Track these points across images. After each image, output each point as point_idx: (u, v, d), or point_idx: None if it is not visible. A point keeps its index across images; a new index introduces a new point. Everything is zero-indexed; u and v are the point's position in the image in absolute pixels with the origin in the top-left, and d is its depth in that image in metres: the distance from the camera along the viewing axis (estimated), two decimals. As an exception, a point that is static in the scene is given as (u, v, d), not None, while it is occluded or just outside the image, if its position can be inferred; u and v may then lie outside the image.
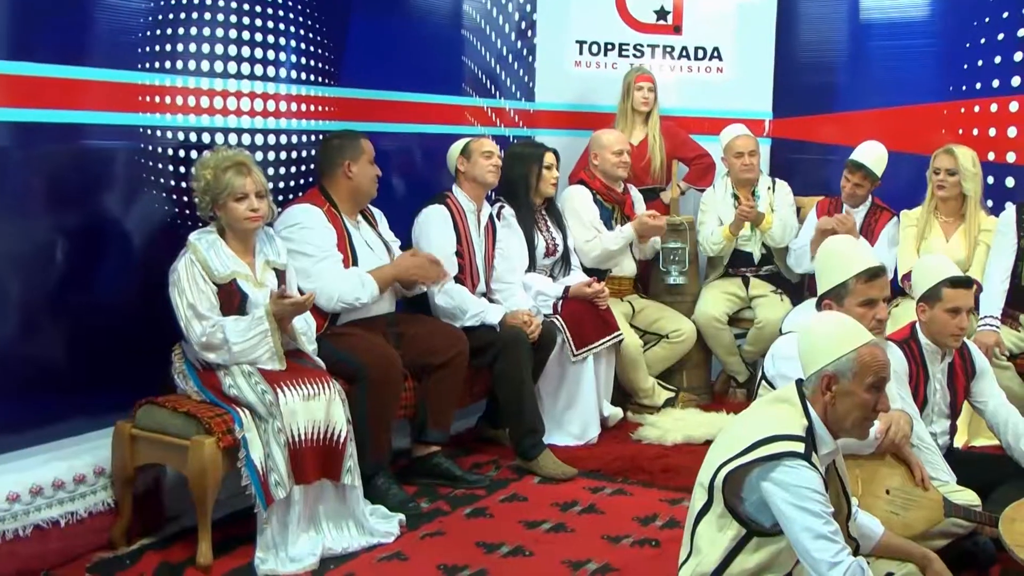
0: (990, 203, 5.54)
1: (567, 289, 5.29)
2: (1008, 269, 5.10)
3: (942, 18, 6.18)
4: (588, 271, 5.62)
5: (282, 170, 4.72)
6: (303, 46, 4.79)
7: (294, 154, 4.76)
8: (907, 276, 5.46)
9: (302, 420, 3.80)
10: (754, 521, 2.91)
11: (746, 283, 6.01)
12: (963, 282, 4.02)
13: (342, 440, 3.91)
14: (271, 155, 4.65)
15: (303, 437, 3.80)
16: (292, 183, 4.75)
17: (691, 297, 6.03)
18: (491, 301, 5.08)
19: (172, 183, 4.25)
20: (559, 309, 5.22)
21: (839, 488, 3.07)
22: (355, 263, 4.44)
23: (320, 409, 3.86)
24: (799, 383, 3.05)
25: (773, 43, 6.50)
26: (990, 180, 5.59)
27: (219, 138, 4.39)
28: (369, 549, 3.93)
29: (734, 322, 5.98)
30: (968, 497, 3.80)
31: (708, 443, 4.99)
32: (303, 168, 4.79)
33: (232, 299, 3.90)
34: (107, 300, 4.07)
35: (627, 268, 5.84)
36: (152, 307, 4.03)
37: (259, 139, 4.60)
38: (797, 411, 2.98)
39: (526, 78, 6.41)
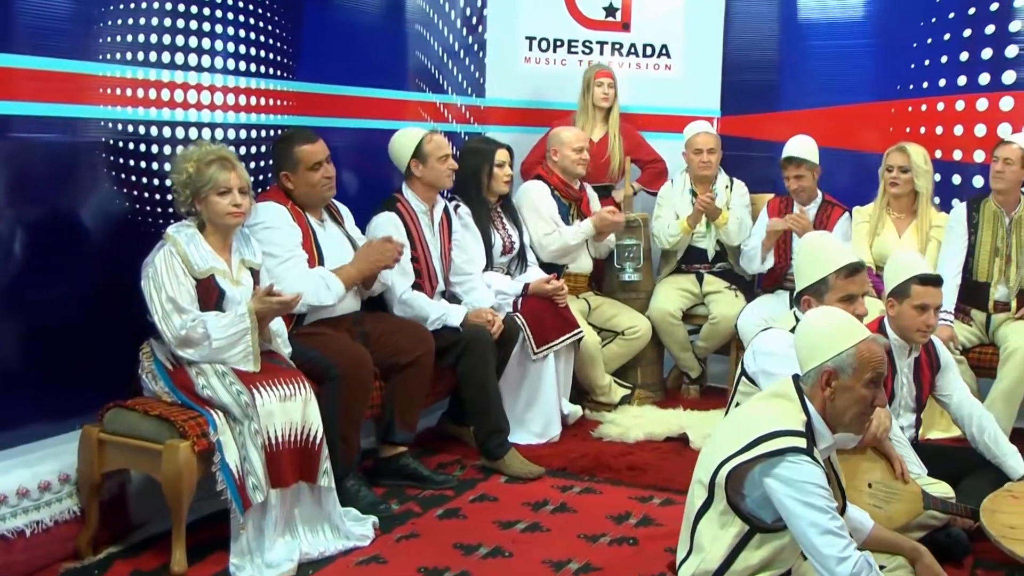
0: (937, 200, 5.63)
1: (527, 286, 5.24)
2: (960, 265, 5.21)
3: (883, 18, 6.28)
4: (545, 267, 5.58)
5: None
6: (257, 37, 4.66)
7: (243, 149, 4.63)
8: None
9: (279, 422, 3.70)
10: (756, 517, 2.92)
11: (700, 279, 6.04)
12: (932, 279, 4.08)
13: (318, 441, 3.82)
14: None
15: (280, 439, 3.70)
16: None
17: (645, 294, 6.04)
18: (452, 296, 5.01)
19: (129, 177, 4.12)
20: (519, 307, 5.17)
21: (835, 482, 3.09)
22: (321, 262, 4.33)
23: (296, 410, 3.77)
24: (796, 378, 3.05)
25: (721, 41, 6.53)
26: (937, 177, 5.67)
27: (167, 132, 4.24)
28: (345, 553, 3.85)
29: (687, 318, 6.00)
30: (943, 489, 3.87)
31: (669, 440, 5.10)
32: (259, 164, 4.66)
33: (210, 295, 3.78)
34: (63, 299, 3.92)
35: (583, 265, 5.82)
36: (112, 305, 3.92)
37: (211, 133, 4.46)
38: (795, 406, 2.99)
39: (477, 74, 6.36)
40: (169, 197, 4.16)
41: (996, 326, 5.20)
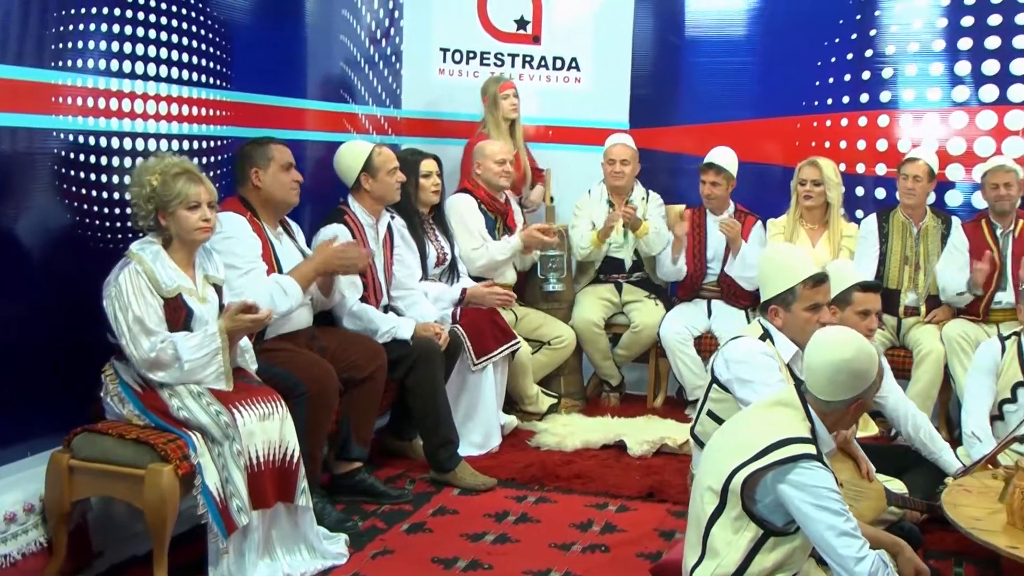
0: (842, 211, 5.91)
1: (464, 291, 5.26)
2: (872, 273, 5.49)
3: (772, 38, 6.54)
4: (474, 279, 5.60)
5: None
6: (196, 45, 4.52)
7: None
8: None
9: (260, 441, 3.62)
10: (767, 521, 3.02)
11: (619, 289, 6.17)
12: (873, 286, 4.31)
13: (295, 460, 3.75)
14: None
15: (261, 459, 3.62)
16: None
17: (567, 304, 6.13)
18: (394, 311, 4.98)
19: (71, 189, 3.91)
20: (458, 318, 5.19)
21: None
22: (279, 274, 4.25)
23: (275, 429, 3.69)
24: (799, 388, 3.18)
25: (629, 55, 6.66)
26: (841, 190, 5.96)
27: (103, 142, 4.03)
28: (324, 573, 3.79)
29: (607, 327, 6.11)
30: (897, 485, 4.10)
31: (606, 447, 5.19)
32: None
33: (177, 314, 3.65)
34: (10, 319, 3.68)
35: (508, 277, 5.87)
36: (63, 326, 3.77)
37: (144, 144, 4.25)
38: (799, 414, 3.12)
39: (394, 85, 6.33)
40: (116, 211, 4.02)
41: (906, 330, 5.51)
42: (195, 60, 4.50)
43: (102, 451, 3.53)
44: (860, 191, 6.17)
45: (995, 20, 5.86)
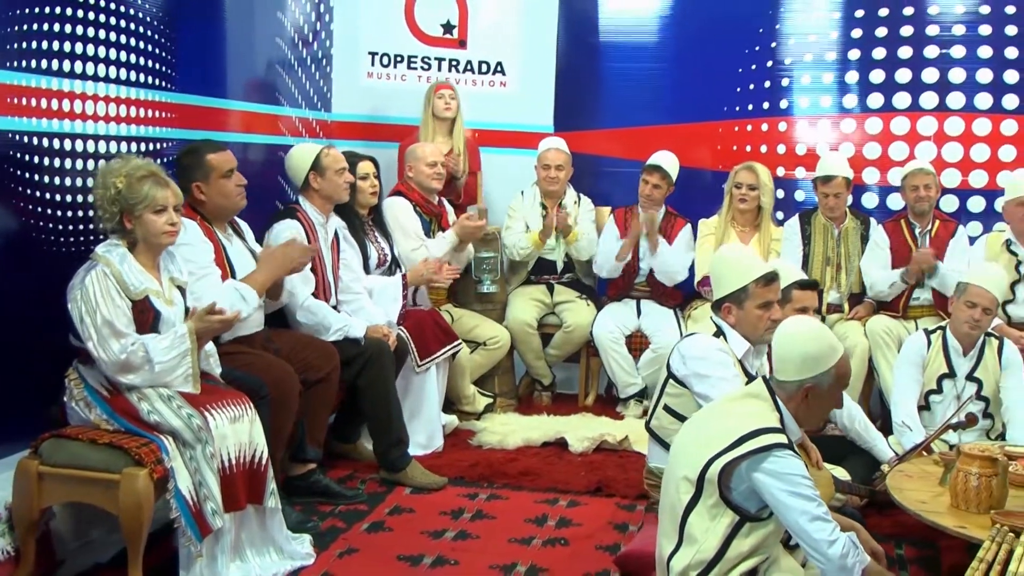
0: (780, 215, 6.17)
1: (404, 276, 5.34)
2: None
3: (686, 46, 6.80)
4: (414, 279, 5.65)
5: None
6: (140, 45, 4.47)
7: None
8: (704, 281, 5.98)
9: (231, 444, 3.63)
10: (742, 508, 3.16)
11: (550, 290, 6.29)
12: (810, 284, 4.50)
13: (264, 462, 3.77)
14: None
15: (233, 461, 3.63)
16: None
17: (500, 305, 6.22)
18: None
19: (16, 190, 3.83)
20: (402, 320, 5.23)
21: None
22: (233, 277, 4.24)
23: (245, 431, 3.71)
24: (766, 380, 3.33)
25: (554, 59, 6.79)
26: (763, 192, 6.19)
27: (46, 143, 3.95)
28: (293, 573, 3.80)
29: (539, 327, 6.22)
30: (841, 473, 4.30)
31: (546, 445, 5.30)
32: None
33: (145, 316, 3.63)
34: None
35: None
36: (14, 331, 3.70)
37: (84, 145, 4.17)
38: (768, 406, 3.27)
39: (324, 88, 6.33)
40: (62, 213, 3.97)
41: (831, 326, 5.72)
42: (130, 59, 4.42)
43: (73, 456, 3.49)
44: (781, 193, 6.41)
45: (907, 31, 6.21)
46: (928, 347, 4.79)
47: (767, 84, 6.50)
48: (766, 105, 6.50)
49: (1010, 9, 6.10)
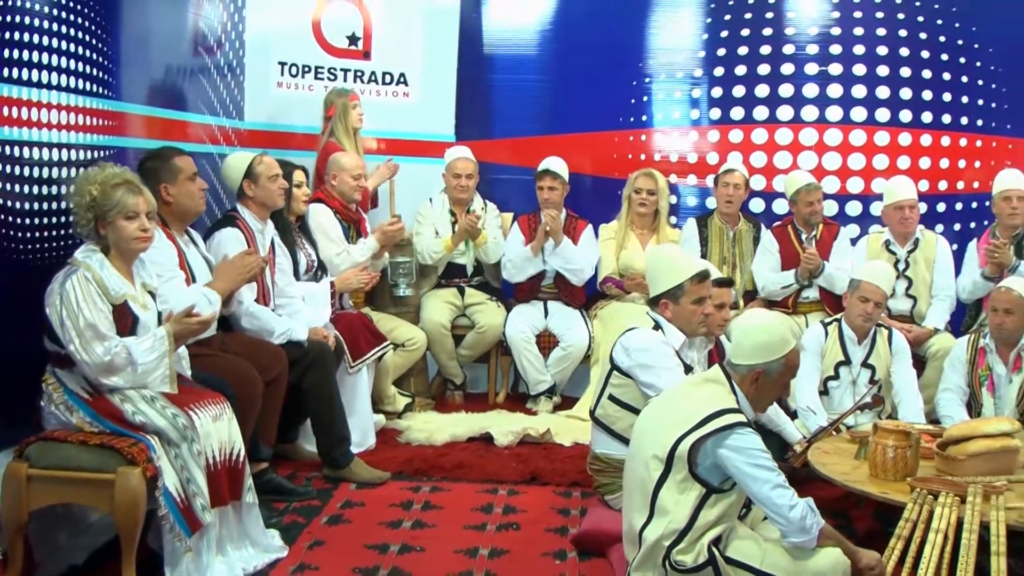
0: (674, 219, 6.62)
1: (332, 283, 5.52)
2: (695, 273, 6.14)
3: (560, 58, 7.23)
4: (334, 284, 5.82)
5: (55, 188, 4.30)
6: (76, 50, 4.47)
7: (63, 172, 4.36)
8: (606, 280, 6.37)
9: (215, 441, 3.76)
10: (707, 481, 3.50)
11: (461, 292, 6.55)
12: (726, 282, 4.91)
13: (242, 458, 3.92)
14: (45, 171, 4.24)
15: (217, 459, 3.77)
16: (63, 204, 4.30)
17: (414, 308, 6.44)
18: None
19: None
20: (333, 323, 5.41)
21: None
22: (193, 281, 4.37)
23: (225, 429, 3.85)
24: (722, 366, 3.69)
25: (455, 71, 7.06)
26: (656, 197, 6.63)
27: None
28: (271, 565, 3.96)
29: (451, 329, 6.47)
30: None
31: (472, 440, 5.55)
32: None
33: (124, 321, 3.72)
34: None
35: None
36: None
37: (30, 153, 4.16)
38: (725, 389, 3.64)
39: (238, 96, 6.43)
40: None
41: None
42: (75, 68, 4.44)
43: (64, 458, 3.56)
44: (673, 199, 6.86)
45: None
46: (825, 337, 5.26)
47: (644, 98, 7.01)
48: (644, 117, 7.05)
49: (858, 31, 6.75)
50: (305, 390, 4.93)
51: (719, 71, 6.93)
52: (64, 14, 4.26)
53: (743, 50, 6.90)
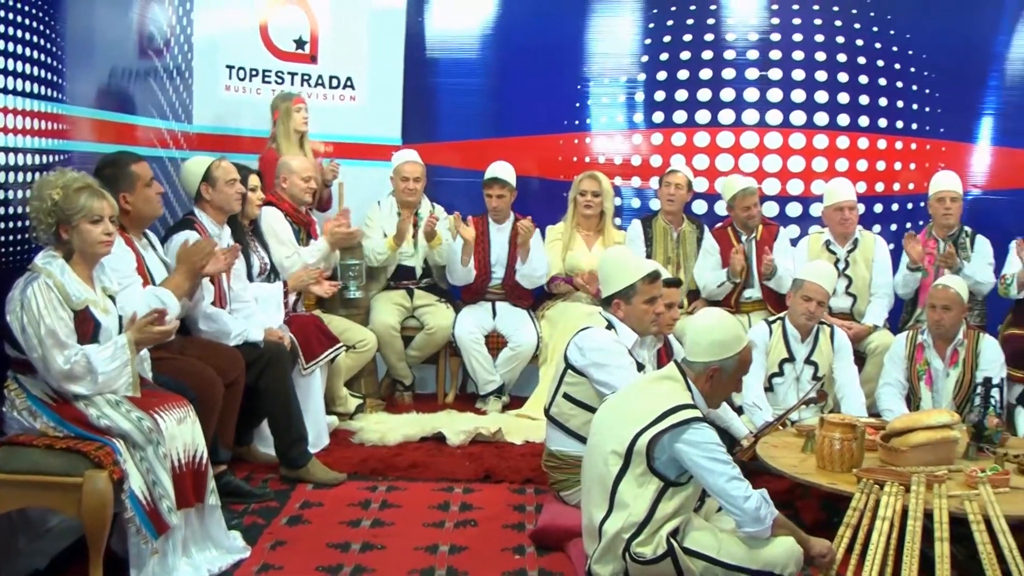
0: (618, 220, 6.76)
1: (285, 284, 5.56)
2: (641, 274, 6.28)
3: (502, 62, 7.35)
4: (289, 287, 5.85)
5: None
6: (23, 52, 4.42)
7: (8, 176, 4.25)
8: (553, 279, 6.48)
9: (179, 444, 3.80)
10: (664, 475, 3.62)
11: (410, 294, 6.62)
12: (675, 282, 5.05)
13: (205, 461, 3.95)
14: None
15: (182, 461, 3.80)
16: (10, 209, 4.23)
17: (364, 309, 6.49)
18: (233, 320, 5.16)
19: None
20: (288, 324, 5.44)
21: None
22: (153, 284, 4.38)
23: (189, 432, 3.88)
24: (678, 364, 3.81)
25: (401, 75, 7.12)
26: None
27: None
28: (235, 566, 3.99)
29: (400, 330, 6.52)
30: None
31: (424, 440, 5.62)
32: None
33: (86, 327, 3.73)
34: None
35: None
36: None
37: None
38: (681, 386, 3.76)
39: (187, 100, 6.42)
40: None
41: (672, 322, 6.34)
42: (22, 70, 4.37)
43: (31, 463, 3.57)
44: (617, 201, 6.99)
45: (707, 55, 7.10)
46: (770, 335, 5.42)
47: (588, 101, 7.22)
48: (588, 120, 7.23)
49: (797, 36, 6.97)
50: (261, 391, 4.95)
51: (662, 75, 7.12)
52: (9, 15, 4.20)
53: (685, 55, 7.08)
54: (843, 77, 6.92)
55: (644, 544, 3.56)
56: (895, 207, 7.01)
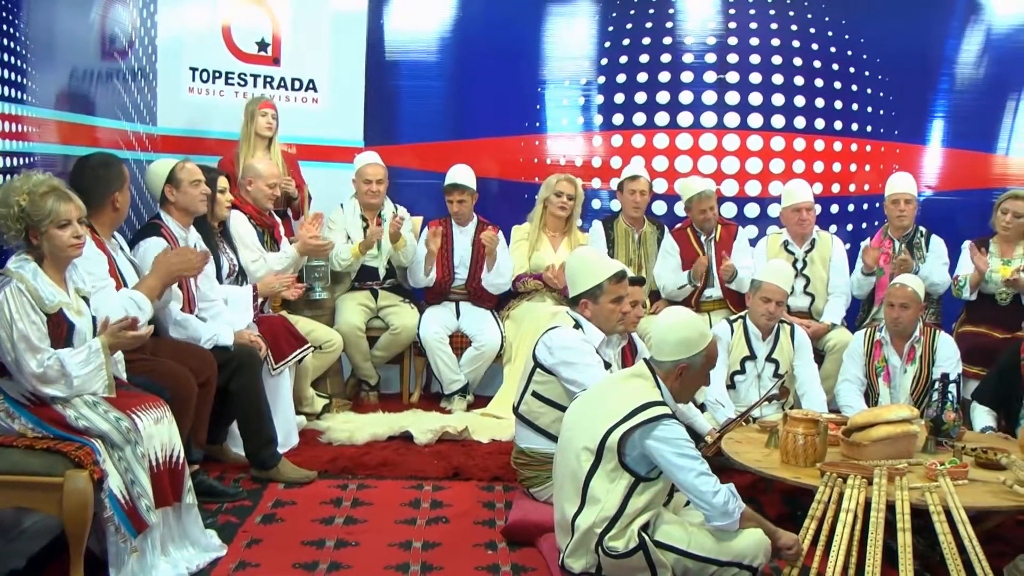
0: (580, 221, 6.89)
1: (255, 287, 5.59)
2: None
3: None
4: (256, 290, 5.88)
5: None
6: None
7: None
8: (518, 278, 6.57)
9: (157, 444, 3.83)
10: (634, 471, 3.71)
11: (375, 295, 6.66)
12: (638, 281, 5.15)
13: (182, 460, 3.98)
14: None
15: (160, 460, 3.83)
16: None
17: (329, 311, 6.53)
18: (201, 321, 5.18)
19: None
20: (257, 325, 5.47)
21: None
22: (125, 287, 4.40)
23: (166, 432, 3.91)
24: (647, 361, 3.90)
25: (363, 78, 7.17)
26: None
27: None
28: (213, 564, 4.03)
29: (365, 331, 6.57)
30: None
31: (392, 439, 5.68)
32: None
33: (60, 329, 3.74)
34: None
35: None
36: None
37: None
38: (651, 383, 3.85)
39: (151, 101, 6.42)
40: None
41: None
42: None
43: (11, 463, 3.60)
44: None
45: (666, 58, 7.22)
46: (732, 334, 5.54)
47: (548, 103, 7.32)
48: (549, 122, 7.34)
49: (754, 40, 7.11)
50: (232, 393, 4.98)
51: (621, 78, 7.24)
52: None
53: (644, 58, 7.21)
54: (799, 80, 7.08)
55: (616, 538, 3.65)
56: (851, 208, 7.18)
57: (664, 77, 7.16)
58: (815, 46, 7.08)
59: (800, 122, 7.08)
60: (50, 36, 5.14)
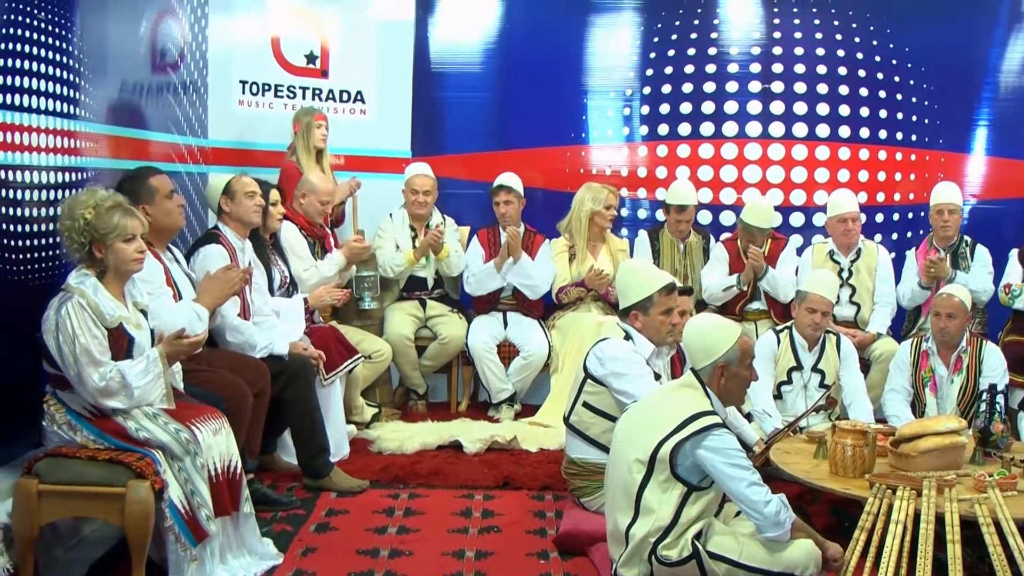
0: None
1: (305, 300, 5.69)
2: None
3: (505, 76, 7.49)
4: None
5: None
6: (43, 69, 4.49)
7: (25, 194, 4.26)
8: (561, 290, 6.62)
9: (216, 454, 3.92)
10: (686, 480, 3.75)
11: (423, 305, 6.74)
12: (686, 291, 5.18)
13: (239, 470, 4.07)
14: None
15: (219, 470, 3.92)
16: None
17: (378, 320, 6.62)
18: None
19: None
20: (308, 336, 5.56)
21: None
22: (180, 298, 4.50)
23: (224, 442, 4.00)
24: (694, 371, 3.95)
25: (411, 89, 7.26)
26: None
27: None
28: (268, 572, 4.11)
29: (414, 340, 6.65)
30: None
31: (441, 447, 5.74)
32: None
33: (120, 343, 3.84)
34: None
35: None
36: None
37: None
38: (699, 393, 3.90)
39: (203, 114, 6.54)
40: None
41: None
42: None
43: (75, 474, 3.69)
44: (625, 211, 7.16)
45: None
46: (778, 344, 5.57)
47: (594, 114, 7.37)
48: (595, 133, 7.37)
49: (799, 50, 7.13)
50: (286, 402, 5.07)
51: (666, 88, 7.28)
52: (24, 32, 4.24)
53: (689, 68, 7.24)
54: (844, 90, 7.08)
55: (670, 547, 3.70)
56: (896, 217, 7.17)
57: (709, 87, 7.19)
58: (860, 55, 7.08)
59: (845, 131, 7.09)
60: (102, 51, 5.23)
